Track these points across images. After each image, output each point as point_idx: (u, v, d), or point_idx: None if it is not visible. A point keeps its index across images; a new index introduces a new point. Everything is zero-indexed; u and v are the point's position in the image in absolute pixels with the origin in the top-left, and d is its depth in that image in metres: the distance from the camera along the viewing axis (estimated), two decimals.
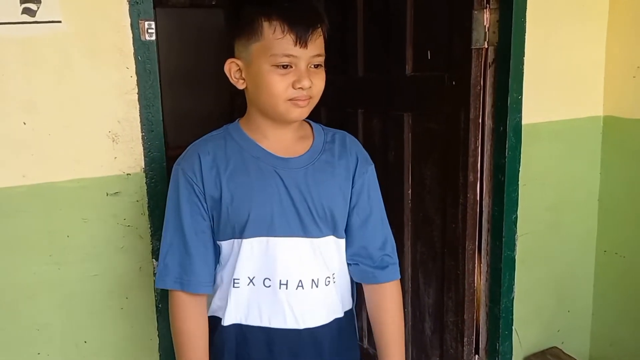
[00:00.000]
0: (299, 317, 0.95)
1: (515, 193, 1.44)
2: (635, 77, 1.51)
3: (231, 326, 0.97)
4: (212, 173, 0.93)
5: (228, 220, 0.93)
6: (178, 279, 0.94)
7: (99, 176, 1.11)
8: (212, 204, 0.94)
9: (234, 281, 0.95)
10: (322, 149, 0.98)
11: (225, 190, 0.92)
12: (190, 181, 0.93)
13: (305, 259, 0.95)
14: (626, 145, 1.54)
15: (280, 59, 0.87)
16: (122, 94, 1.10)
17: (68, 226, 1.10)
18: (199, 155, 0.94)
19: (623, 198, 1.56)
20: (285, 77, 0.88)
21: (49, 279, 1.11)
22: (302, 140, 0.98)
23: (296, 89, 0.88)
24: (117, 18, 1.07)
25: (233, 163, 0.94)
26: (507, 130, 1.38)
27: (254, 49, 0.89)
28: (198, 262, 0.94)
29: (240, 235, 0.93)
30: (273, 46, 0.87)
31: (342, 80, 1.75)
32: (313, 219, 0.94)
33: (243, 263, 0.94)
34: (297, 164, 0.95)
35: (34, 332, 1.11)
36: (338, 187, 0.97)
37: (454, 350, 1.53)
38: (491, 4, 1.35)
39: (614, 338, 1.63)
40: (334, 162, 0.97)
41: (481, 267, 1.48)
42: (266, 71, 0.88)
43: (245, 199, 0.92)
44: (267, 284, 0.94)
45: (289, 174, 0.93)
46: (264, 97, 0.90)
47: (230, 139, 0.96)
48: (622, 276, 1.59)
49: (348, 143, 1.00)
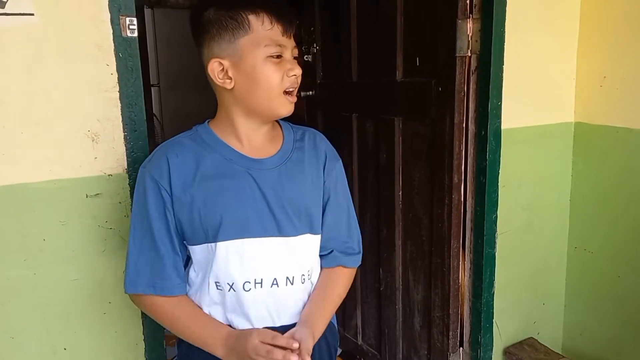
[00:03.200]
0: (274, 315, 0.74)
1: (496, 194, 1.16)
2: (602, 86, 1.25)
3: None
4: (181, 176, 0.71)
5: (200, 224, 0.69)
6: (151, 284, 0.71)
7: (78, 177, 0.80)
8: (180, 207, 0.71)
9: (217, 284, 0.73)
10: (292, 148, 0.77)
11: (196, 194, 0.71)
12: (157, 185, 0.70)
13: (280, 258, 0.74)
14: (595, 149, 1.27)
15: (274, 49, 0.70)
16: (102, 92, 0.79)
17: (44, 229, 0.79)
18: (167, 158, 0.71)
19: (592, 198, 1.30)
20: (279, 67, 0.70)
21: (24, 285, 0.79)
22: (273, 140, 0.78)
23: (290, 76, 0.71)
24: (96, 12, 0.77)
25: (203, 165, 0.72)
26: (488, 134, 1.11)
27: (243, 43, 0.69)
28: (169, 266, 0.72)
29: (214, 239, 0.71)
30: (265, 37, 0.69)
31: (338, 85, 1.44)
32: (289, 217, 0.73)
33: (220, 267, 0.72)
34: (269, 165, 0.74)
35: (7, 340, 0.80)
36: (311, 184, 0.77)
37: (441, 343, 1.23)
38: (474, 14, 1.07)
39: (584, 327, 1.35)
40: (304, 160, 0.77)
41: (465, 264, 1.19)
42: (262, 62, 0.69)
43: (218, 202, 0.71)
44: (247, 288, 0.72)
45: (262, 175, 0.73)
46: (260, 91, 0.70)
47: (200, 141, 0.74)
48: (591, 270, 1.32)
49: (317, 141, 0.81)
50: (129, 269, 0.72)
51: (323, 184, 0.79)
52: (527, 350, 1.29)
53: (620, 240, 1.24)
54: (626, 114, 1.20)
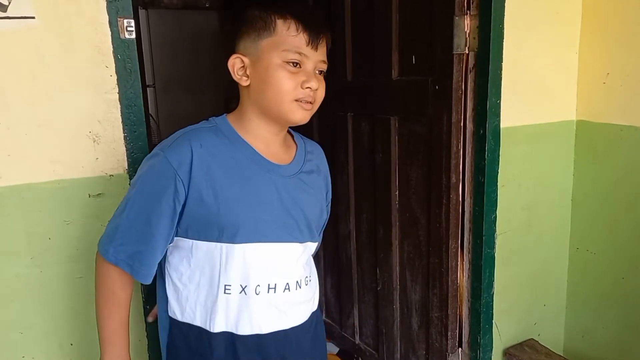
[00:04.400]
0: (285, 319, 0.80)
1: (495, 194, 1.21)
2: (605, 83, 1.28)
3: (220, 334, 0.77)
4: (203, 169, 0.71)
5: (217, 222, 0.72)
6: (129, 263, 0.73)
7: (80, 177, 0.87)
8: (197, 200, 0.71)
9: (225, 288, 0.75)
10: (304, 159, 0.83)
11: (218, 190, 0.72)
12: (174, 173, 0.70)
13: (293, 263, 0.80)
14: (597, 147, 1.31)
15: (292, 55, 0.72)
16: (102, 93, 0.86)
17: (49, 228, 0.86)
18: (190, 146, 0.71)
19: (595, 198, 1.33)
20: (295, 76, 0.73)
21: (31, 282, 0.86)
22: (288, 148, 0.82)
23: (304, 88, 0.73)
24: (94, 15, 0.83)
25: (226, 162, 0.73)
26: (487, 133, 1.15)
27: (264, 44, 0.73)
28: (155, 255, 0.73)
29: (230, 239, 0.73)
30: (286, 42, 0.72)
31: (332, 84, 1.49)
32: (300, 225, 0.79)
33: (234, 270, 0.74)
34: (288, 172, 0.79)
35: (17, 335, 0.87)
36: (318, 198, 0.84)
37: (439, 344, 1.29)
38: (471, 10, 1.12)
39: (586, 329, 1.40)
40: (315, 174, 0.84)
41: (464, 264, 1.24)
42: (276, 66, 0.72)
43: (240, 203, 0.73)
44: (258, 291, 0.76)
45: (281, 181, 0.77)
46: (270, 94, 0.73)
47: (221, 135, 0.75)
48: (593, 271, 1.36)
49: (322, 160, 0.88)
50: (116, 235, 0.72)
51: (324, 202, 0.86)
52: (527, 351, 1.34)
53: (623, 241, 1.27)
54: (630, 112, 1.23)
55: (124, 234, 0.72)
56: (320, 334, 0.89)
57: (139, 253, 0.72)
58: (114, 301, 0.76)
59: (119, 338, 0.77)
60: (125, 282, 0.75)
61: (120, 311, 0.76)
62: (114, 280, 0.75)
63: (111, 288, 0.75)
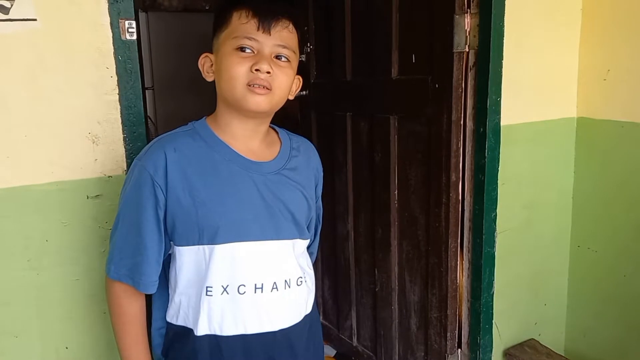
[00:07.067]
0: (273, 319, 0.86)
1: (495, 192, 1.34)
2: (606, 80, 1.41)
3: (205, 337, 0.84)
4: (179, 173, 0.79)
5: (196, 224, 0.80)
6: (130, 275, 0.82)
7: (79, 178, 0.96)
8: (175, 205, 0.79)
9: (207, 289, 0.82)
10: (289, 155, 0.89)
11: (195, 193, 0.79)
12: (151, 180, 0.78)
13: (279, 261, 0.86)
14: (598, 145, 1.44)
15: (241, 41, 0.78)
16: (102, 95, 0.95)
17: (47, 230, 0.96)
18: (164, 152, 0.79)
19: (596, 195, 1.46)
20: (245, 60, 0.78)
21: (27, 285, 0.96)
22: (270, 145, 0.89)
23: (253, 71, 0.77)
24: (96, 17, 0.93)
25: (202, 164, 0.81)
26: (487, 131, 1.28)
27: (222, 37, 0.81)
28: (151, 263, 0.81)
29: (210, 241, 0.80)
30: (237, 29, 0.79)
31: (331, 84, 1.62)
32: (285, 222, 0.86)
33: (216, 271, 0.81)
34: (268, 169, 0.85)
35: (11, 339, 0.96)
36: (305, 194, 0.90)
37: (438, 344, 1.42)
38: (472, 9, 1.24)
39: (588, 329, 1.53)
40: (300, 170, 0.90)
41: (463, 264, 1.37)
42: (227, 54, 0.79)
43: (218, 203, 0.80)
44: (242, 291, 0.83)
45: (262, 179, 0.84)
46: (224, 83, 0.80)
47: (198, 138, 0.83)
48: (595, 270, 1.49)
49: (311, 154, 0.95)
50: (114, 254, 0.81)
51: (313, 198, 0.93)
52: (528, 352, 1.47)
53: (625, 239, 1.39)
54: (631, 108, 1.35)
55: (121, 250, 0.81)
56: (317, 337, 0.96)
57: (136, 265, 0.80)
58: (124, 319, 0.84)
59: (136, 354, 0.84)
60: (131, 296, 0.83)
61: (132, 327, 0.84)
62: (119, 297, 0.83)
63: (119, 305, 0.84)
